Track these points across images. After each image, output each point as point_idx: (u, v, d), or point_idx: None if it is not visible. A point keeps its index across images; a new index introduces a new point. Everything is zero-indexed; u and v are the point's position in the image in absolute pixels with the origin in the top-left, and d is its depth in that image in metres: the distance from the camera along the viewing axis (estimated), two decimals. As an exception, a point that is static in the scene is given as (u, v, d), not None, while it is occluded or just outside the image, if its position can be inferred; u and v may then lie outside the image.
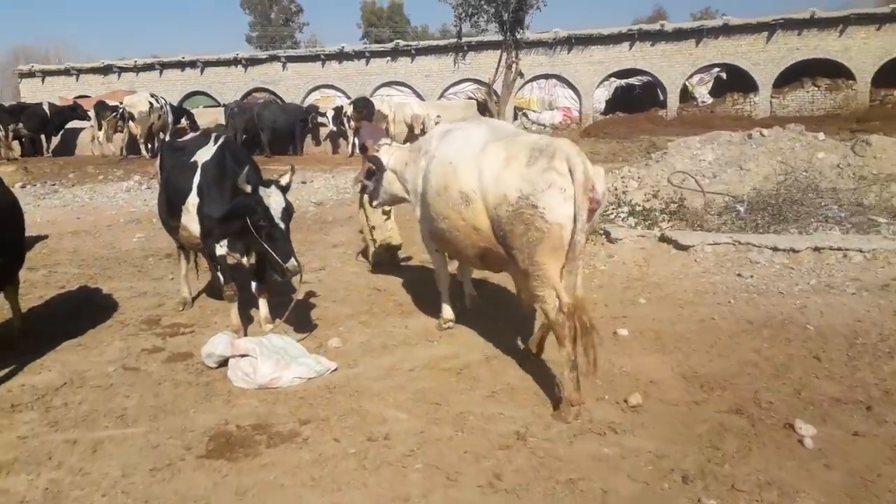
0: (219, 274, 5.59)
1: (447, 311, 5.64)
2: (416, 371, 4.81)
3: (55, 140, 21.60)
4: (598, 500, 3.21)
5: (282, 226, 4.94)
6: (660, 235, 7.47)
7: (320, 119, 19.70)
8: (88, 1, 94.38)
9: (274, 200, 4.94)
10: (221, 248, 5.45)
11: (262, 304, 5.71)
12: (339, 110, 19.68)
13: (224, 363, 4.93)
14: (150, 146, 20.41)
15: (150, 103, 19.04)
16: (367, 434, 3.89)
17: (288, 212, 5.03)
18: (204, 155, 5.59)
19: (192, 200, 5.50)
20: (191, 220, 5.56)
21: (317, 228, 10.75)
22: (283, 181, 5.14)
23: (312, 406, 4.31)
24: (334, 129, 19.88)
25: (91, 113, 20.00)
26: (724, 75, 28.22)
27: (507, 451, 3.65)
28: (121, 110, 18.87)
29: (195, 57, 32.53)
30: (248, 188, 4.88)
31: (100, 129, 19.76)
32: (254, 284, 5.67)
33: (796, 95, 27.61)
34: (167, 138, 20.20)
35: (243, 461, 3.65)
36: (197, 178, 5.49)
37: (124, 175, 17.16)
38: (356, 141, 19.42)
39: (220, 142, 5.62)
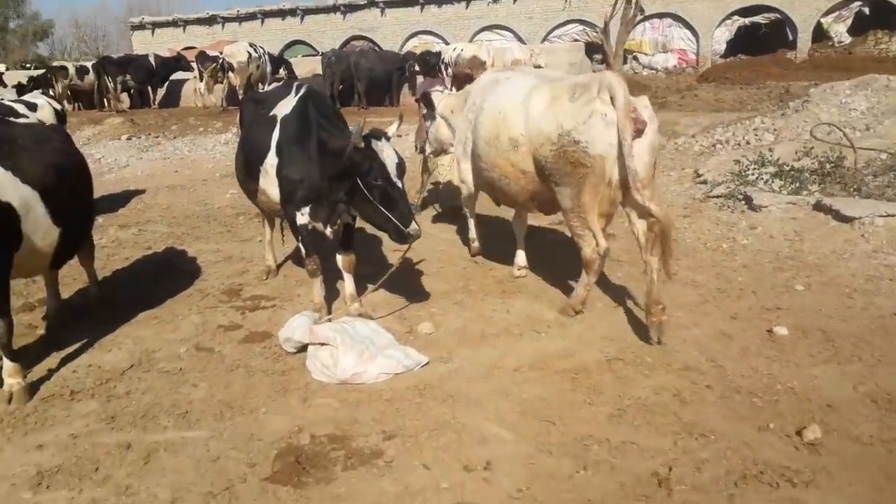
0: (300, 244, 4.96)
1: (521, 258, 5.64)
2: (522, 372, 4.01)
3: (161, 92, 21.93)
4: None
5: (399, 184, 4.28)
6: (815, 203, 6.20)
7: (417, 67, 18.81)
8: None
9: (388, 155, 4.28)
10: (303, 217, 4.79)
11: (348, 279, 5.03)
12: (437, 56, 18.71)
13: (304, 348, 4.33)
14: (249, 97, 20.38)
15: (249, 53, 18.78)
16: (463, 460, 3.14)
17: (402, 167, 4.37)
18: (284, 108, 4.91)
19: (271, 161, 4.84)
20: (269, 184, 4.93)
21: (408, 187, 10.02)
22: (390, 132, 4.47)
23: (399, 413, 3.61)
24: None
25: (194, 64, 20.07)
26: (866, 10, 24.80)
27: (646, 502, 2.80)
28: (220, 61, 18.73)
29: (295, 5, 32.27)
30: (362, 143, 4.20)
31: (202, 80, 19.78)
32: (339, 257, 5.00)
33: (957, 31, 23.96)
34: (268, 88, 20.09)
35: (313, 488, 3.01)
36: (276, 135, 4.82)
37: (223, 127, 17.07)
38: (454, 89, 18.69)
39: (301, 92, 4.90)
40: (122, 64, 20.31)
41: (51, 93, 22.27)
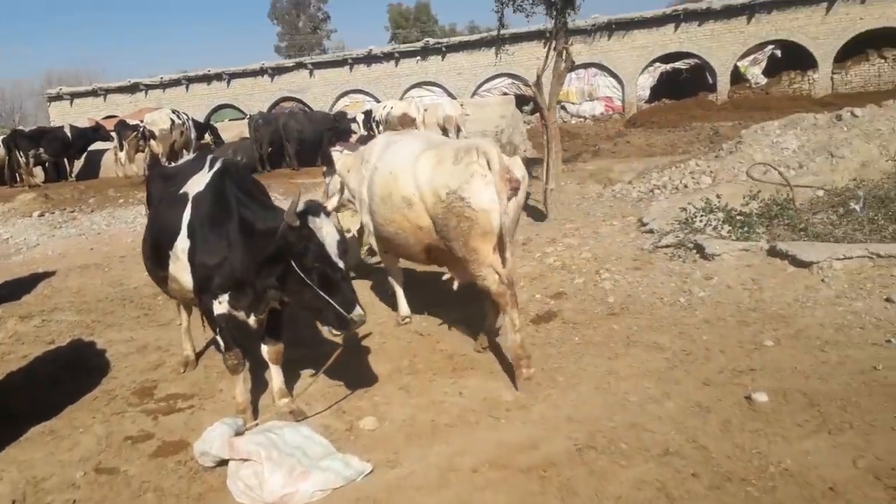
0: (218, 337, 4.32)
1: (404, 308, 5.93)
2: (481, 473, 3.46)
3: (79, 163, 20.87)
4: None
5: (341, 264, 3.76)
6: (769, 248, 5.97)
7: (351, 125, 18.53)
8: (116, 22, 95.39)
9: (327, 233, 3.76)
10: (221, 305, 4.18)
11: (275, 372, 4.40)
12: (368, 114, 18.49)
13: (224, 462, 3.68)
14: (171, 164, 19.57)
15: (172, 120, 18.09)
16: None
17: (344, 245, 3.85)
18: (197, 184, 4.34)
19: (182, 244, 4.23)
20: (180, 270, 4.30)
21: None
22: (330, 205, 3.96)
23: (340, 544, 3.00)
24: (365, 133, 18.69)
25: (114, 134, 19.19)
26: (778, 52, 26.16)
27: None
28: (141, 129, 17.95)
29: (220, 70, 31.79)
30: (296, 221, 3.67)
31: (122, 149, 18.90)
32: (264, 347, 4.39)
33: (860, 70, 25.42)
34: (191, 156, 19.36)
35: None
36: (187, 216, 4.23)
37: (145, 197, 16.22)
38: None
39: (216, 166, 4.35)
40: (33, 137, 19.23)
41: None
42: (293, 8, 59.99)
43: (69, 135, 19.96)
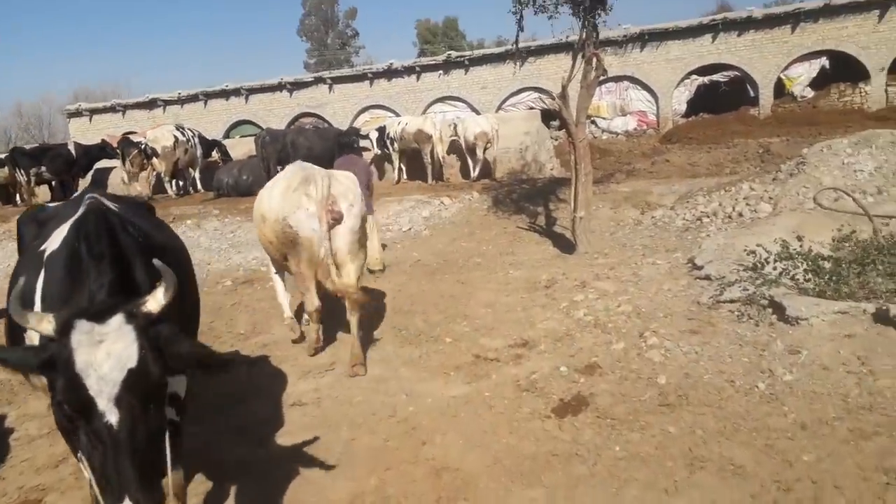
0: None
1: (286, 311, 6.36)
2: None
3: (85, 181, 19.99)
4: None
5: (110, 419, 2.11)
6: (875, 311, 4.44)
7: (362, 142, 17.26)
8: (147, 40, 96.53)
9: (93, 357, 2.12)
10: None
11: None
12: (382, 131, 17.23)
13: None
14: (180, 183, 18.53)
15: (175, 136, 17.08)
16: None
17: (133, 380, 2.14)
18: (57, 237, 2.99)
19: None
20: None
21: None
22: (152, 303, 2.32)
23: None
24: (378, 152, 17.44)
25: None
26: (826, 64, 24.31)
27: None
28: (143, 146, 16.95)
29: (238, 85, 30.94)
30: (53, 328, 2.19)
31: (125, 167, 17.94)
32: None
33: (918, 81, 23.45)
34: (197, 174, 18.30)
35: None
36: (40, 283, 2.89)
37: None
38: (402, 165, 17.13)
39: (78, 212, 2.98)
40: (34, 155, 18.39)
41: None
42: (322, 24, 59.85)
43: (73, 152, 19.13)
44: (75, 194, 3.67)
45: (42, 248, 3.00)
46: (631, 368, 4.57)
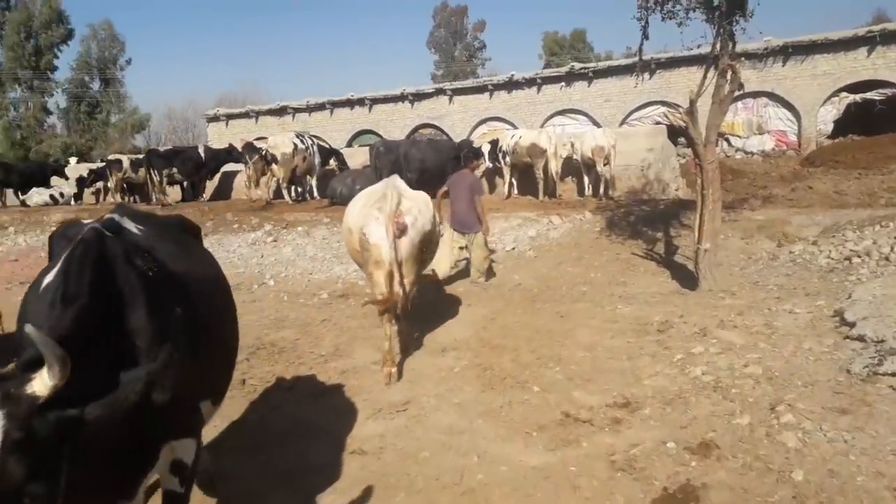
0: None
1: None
2: None
3: (213, 183, 21.01)
4: None
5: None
6: None
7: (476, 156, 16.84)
8: (286, 49, 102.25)
9: None
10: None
11: None
12: (495, 144, 16.68)
13: None
14: (300, 190, 18.93)
15: (294, 144, 17.37)
16: None
17: None
18: (54, 267, 2.59)
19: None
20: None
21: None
22: (38, 384, 1.70)
23: None
24: (490, 165, 16.91)
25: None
26: None
27: None
28: (263, 152, 17.41)
29: (362, 95, 31.62)
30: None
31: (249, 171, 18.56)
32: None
33: None
34: (314, 182, 18.57)
35: None
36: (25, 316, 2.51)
37: (258, 224, 15.50)
38: (513, 180, 16.48)
39: (75, 243, 2.51)
40: (167, 157, 19.46)
41: (108, 185, 22.00)
42: (451, 36, 60.77)
43: (202, 155, 20.06)
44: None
45: (45, 274, 2.64)
46: (758, 454, 3.68)
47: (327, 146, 19.76)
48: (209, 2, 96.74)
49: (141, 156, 20.89)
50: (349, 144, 31.09)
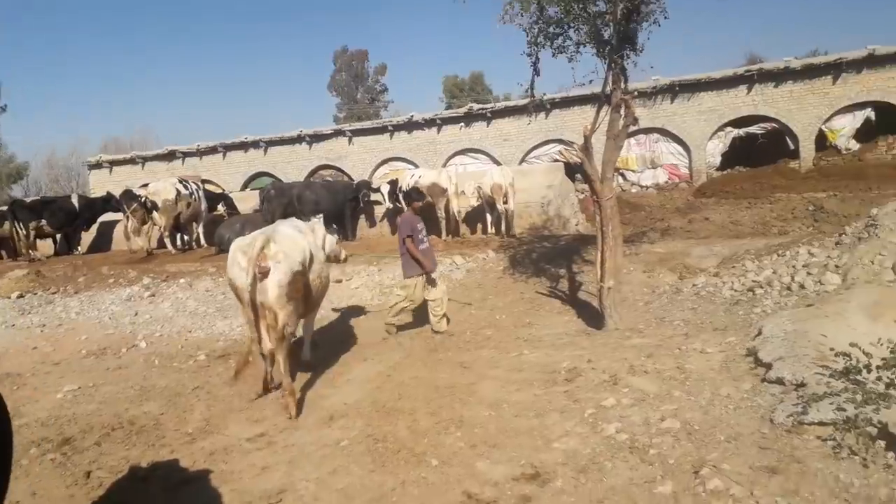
0: None
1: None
2: None
3: (87, 235, 19.24)
4: None
5: None
6: None
7: (373, 196, 16.21)
8: (180, 93, 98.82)
9: None
10: None
11: None
12: (394, 184, 16.14)
13: None
14: (184, 238, 17.57)
15: (177, 190, 16.15)
16: None
17: None
18: None
19: None
20: None
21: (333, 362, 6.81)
22: None
23: None
24: (391, 206, 16.32)
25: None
26: (872, 116, 22.82)
27: None
28: (143, 199, 16.06)
29: (257, 137, 30.48)
30: None
31: (128, 221, 17.08)
32: None
33: (975, 134, 21.82)
34: (201, 229, 17.33)
35: None
36: None
37: (136, 277, 14.11)
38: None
39: None
40: (34, 208, 17.66)
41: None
42: (352, 80, 60.68)
43: (76, 204, 18.39)
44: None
45: None
46: (686, 533, 3.13)
47: (221, 190, 18.63)
48: (94, 44, 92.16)
49: (4, 208, 18.87)
50: (244, 187, 29.77)
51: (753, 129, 24.40)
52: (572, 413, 4.76)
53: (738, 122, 24.59)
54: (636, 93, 9.97)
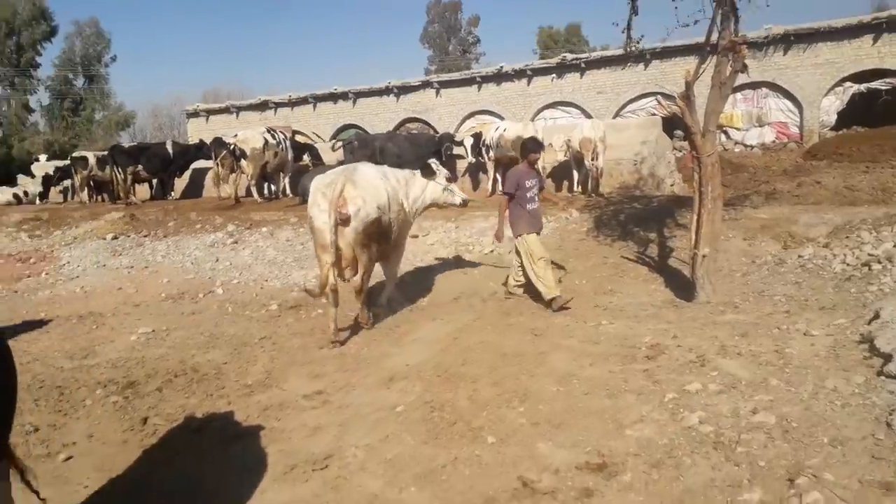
0: None
1: None
2: None
3: (180, 180, 19.92)
4: None
5: None
6: None
7: (456, 149, 15.77)
8: (278, 44, 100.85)
9: None
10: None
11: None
12: (477, 137, 15.61)
13: None
14: (271, 187, 17.83)
15: (265, 139, 16.27)
16: None
17: None
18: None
19: None
20: None
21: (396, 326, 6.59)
22: None
23: None
24: (473, 160, 15.84)
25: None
26: None
27: None
28: (232, 147, 16.29)
29: (346, 89, 30.51)
30: None
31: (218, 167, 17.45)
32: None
33: None
34: (287, 178, 17.50)
35: None
36: None
37: (221, 224, 14.41)
38: (497, 176, 15.36)
39: None
40: (132, 153, 18.34)
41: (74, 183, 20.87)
42: (445, 32, 59.84)
43: (171, 151, 18.96)
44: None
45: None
46: (776, 557, 2.64)
47: (316, 139, 18.66)
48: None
49: (105, 152, 19.73)
50: (333, 139, 30.02)
51: (876, 84, 22.04)
52: (650, 396, 4.26)
53: (858, 77, 22.27)
54: (747, 37, 8.87)
